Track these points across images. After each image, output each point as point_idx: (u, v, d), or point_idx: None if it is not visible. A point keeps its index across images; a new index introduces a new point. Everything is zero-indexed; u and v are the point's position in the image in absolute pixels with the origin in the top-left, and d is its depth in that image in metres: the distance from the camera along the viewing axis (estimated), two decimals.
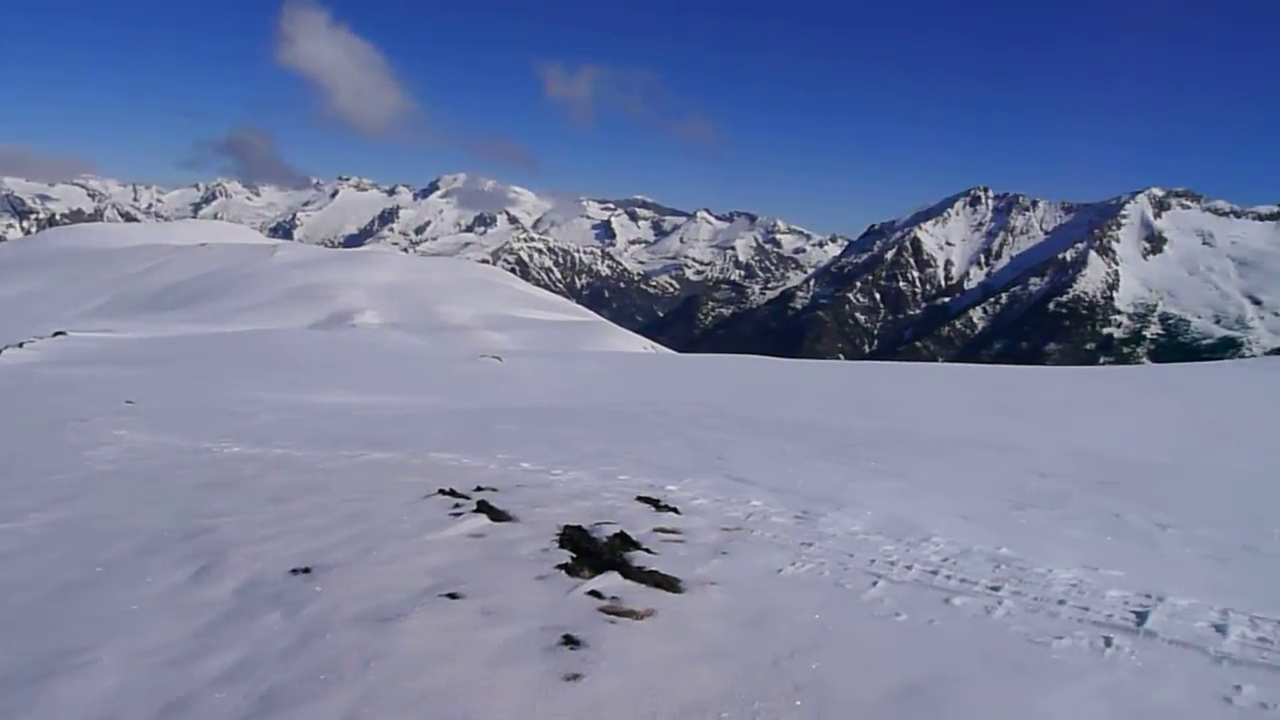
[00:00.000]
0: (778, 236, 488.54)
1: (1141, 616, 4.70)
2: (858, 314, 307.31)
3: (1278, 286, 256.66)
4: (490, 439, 11.29)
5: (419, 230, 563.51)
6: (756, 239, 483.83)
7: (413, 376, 26.36)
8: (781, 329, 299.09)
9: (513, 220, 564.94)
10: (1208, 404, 21.94)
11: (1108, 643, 4.32)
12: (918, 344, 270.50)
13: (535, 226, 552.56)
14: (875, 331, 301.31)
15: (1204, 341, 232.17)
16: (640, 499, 7.01)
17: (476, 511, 6.15)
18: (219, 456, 9.41)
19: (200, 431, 11.63)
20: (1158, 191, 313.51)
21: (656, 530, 6.01)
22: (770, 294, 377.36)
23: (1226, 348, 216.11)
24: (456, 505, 6.42)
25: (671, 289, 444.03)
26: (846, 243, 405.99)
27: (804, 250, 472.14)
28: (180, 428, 11.98)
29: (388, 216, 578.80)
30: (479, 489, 7.10)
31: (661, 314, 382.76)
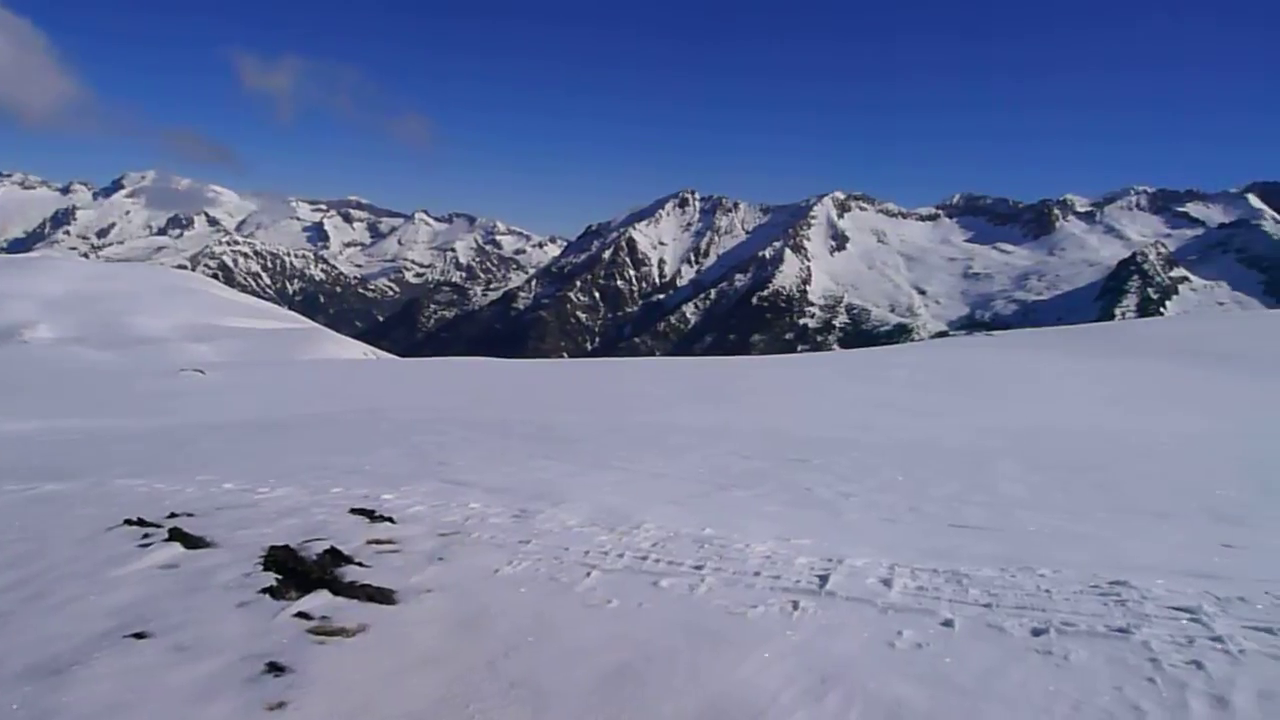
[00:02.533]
0: (498, 237, 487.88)
1: (824, 579, 5.22)
2: (579, 312, 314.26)
3: (937, 278, 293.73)
4: (189, 460, 10.44)
5: (102, 233, 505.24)
6: (477, 240, 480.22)
7: (98, 396, 23.72)
8: (505, 330, 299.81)
9: (213, 222, 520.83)
10: (884, 383, 24.55)
11: (795, 606, 4.76)
12: (636, 340, 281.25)
13: (239, 229, 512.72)
14: (596, 329, 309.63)
15: (882, 328, 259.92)
16: (354, 511, 6.78)
17: (169, 540, 5.67)
18: None
19: None
20: (839, 195, 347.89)
21: (371, 542, 5.85)
22: (493, 295, 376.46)
23: (900, 333, 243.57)
24: (145, 535, 5.87)
25: (391, 292, 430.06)
26: (566, 243, 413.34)
27: (525, 251, 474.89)
28: None
29: (62, 218, 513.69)
30: (172, 515, 6.53)
31: (382, 318, 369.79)
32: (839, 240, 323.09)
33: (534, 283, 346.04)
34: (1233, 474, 9.85)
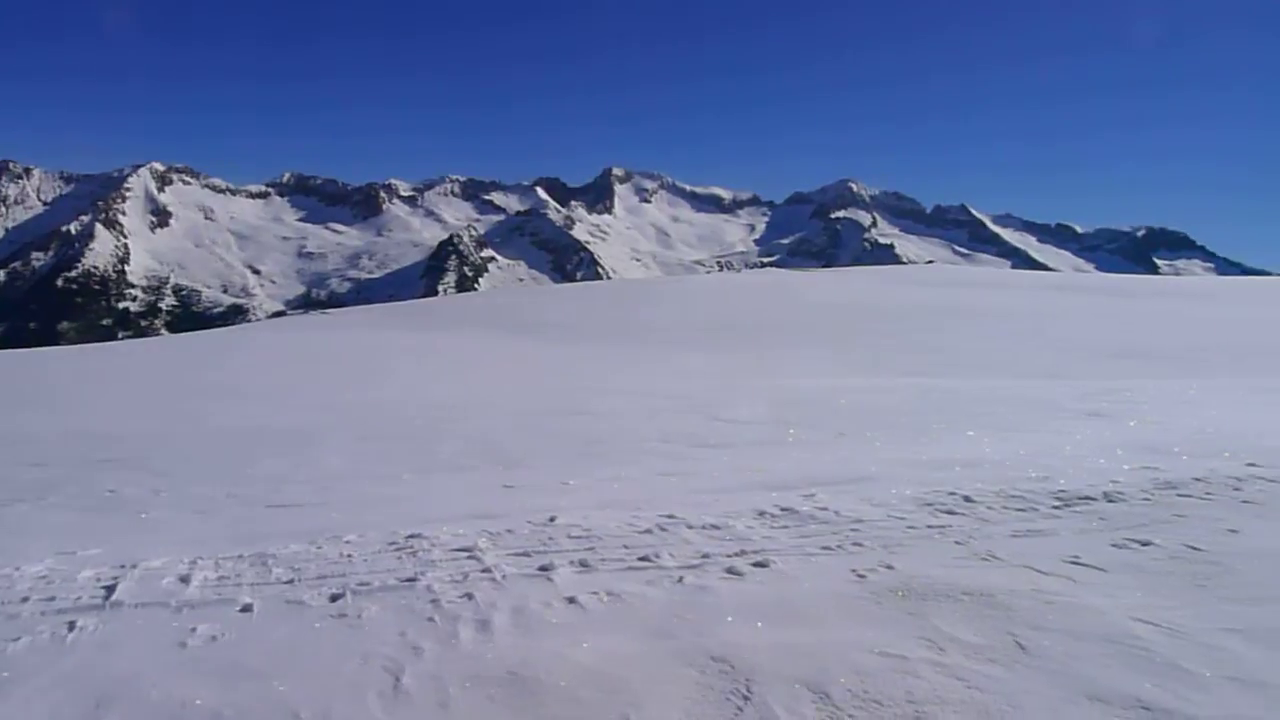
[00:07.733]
0: None
1: (111, 590, 4.75)
2: None
3: (271, 257, 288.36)
4: None
5: None
6: None
7: None
8: None
9: None
10: (217, 368, 23.21)
11: (71, 627, 4.25)
12: None
13: None
14: None
15: (216, 310, 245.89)
16: None
17: None
18: None
19: None
20: (159, 166, 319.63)
21: None
22: None
23: (236, 314, 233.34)
24: None
25: None
26: None
27: None
28: None
29: None
30: None
31: None
32: (161, 216, 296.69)
33: None
34: (518, 427, 11.40)
